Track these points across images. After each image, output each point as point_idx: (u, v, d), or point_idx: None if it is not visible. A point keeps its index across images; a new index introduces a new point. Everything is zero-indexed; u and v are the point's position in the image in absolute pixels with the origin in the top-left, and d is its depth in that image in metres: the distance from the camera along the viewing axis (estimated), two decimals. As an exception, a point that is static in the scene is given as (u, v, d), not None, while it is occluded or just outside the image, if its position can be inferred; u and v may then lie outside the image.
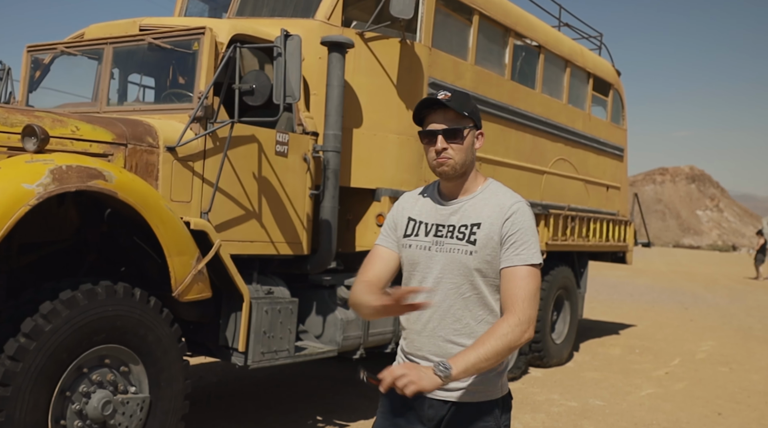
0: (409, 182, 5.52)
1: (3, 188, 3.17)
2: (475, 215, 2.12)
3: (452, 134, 2.10)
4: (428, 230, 2.18)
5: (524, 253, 2.07)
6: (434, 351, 2.12)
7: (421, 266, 2.16)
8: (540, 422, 5.74)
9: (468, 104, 2.14)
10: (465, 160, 2.13)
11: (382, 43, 5.37)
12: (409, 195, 2.32)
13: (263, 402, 5.88)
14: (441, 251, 2.13)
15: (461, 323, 2.11)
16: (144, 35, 4.56)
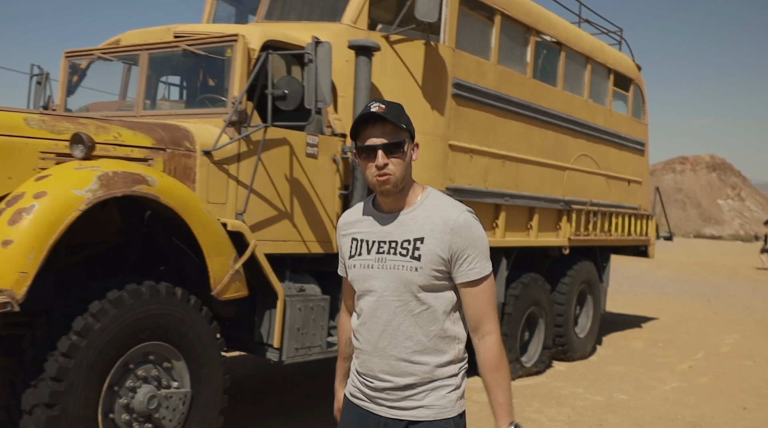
0: (434, 180, 5.64)
1: (55, 195, 3.34)
2: (417, 229, 2.06)
3: (392, 149, 2.03)
4: (370, 248, 2.11)
5: (478, 266, 2.05)
6: (387, 370, 2.07)
7: (366, 285, 2.11)
8: (565, 416, 5.85)
9: (403, 116, 2.07)
10: (405, 174, 2.06)
11: (407, 45, 5.49)
12: (349, 214, 2.25)
13: (293, 395, 6.04)
14: (384, 267, 2.07)
15: (413, 340, 2.05)
16: (179, 42, 4.71)
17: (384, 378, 2.08)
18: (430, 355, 2.06)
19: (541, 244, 7.27)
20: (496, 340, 2.07)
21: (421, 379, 2.05)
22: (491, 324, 2.07)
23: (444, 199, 2.12)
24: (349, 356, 2.30)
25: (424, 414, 2.06)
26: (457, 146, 5.86)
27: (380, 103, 2.03)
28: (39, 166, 3.67)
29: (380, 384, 2.08)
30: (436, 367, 2.06)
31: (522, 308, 6.96)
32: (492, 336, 2.07)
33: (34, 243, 3.24)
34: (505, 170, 6.53)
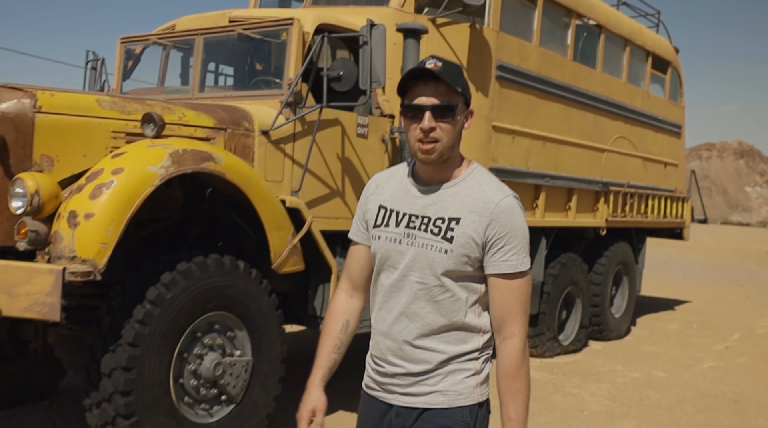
0: (478, 160, 5.67)
1: (131, 171, 3.53)
2: (454, 208, 1.84)
3: (443, 112, 1.79)
4: (399, 220, 1.89)
5: (513, 259, 1.82)
6: (400, 355, 1.88)
7: (390, 261, 1.90)
8: (606, 391, 5.97)
9: (461, 78, 1.83)
10: (454, 143, 1.84)
11: (453, 28, 5.60)
12: (380, 177, 2.03)
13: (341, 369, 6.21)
14: (412, 245, 1.86)
15: (431, 327, 1.86)
16: (234, 26, 4.87)
17: (396, 363, 1.89)
18: (449, 344, 1.86)
19: (579, 224, 7.37)
20: (519, 346, 1.83)
21: (436, 367, 1.86)
22: (516, 326, 1.83)
23: (489, 178, 1.89)
24: (342, 344, 2.05)
25: (438, 401, 1.86)
26: (500, 127, 5.97)
27: (437, 60, 1.79)
28: (111, 145, 3.86)
29: (391, 368, 1.89)
30: (454, 357, 1.86)
31: (560, 288, 7.07)
32: (514, 341, 1.83)
33: (114, 216, 3.43)
34: (546, 151, 6.63)
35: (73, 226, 3.40)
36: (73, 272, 3.27)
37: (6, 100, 3.63)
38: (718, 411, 5.57)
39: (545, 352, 6.98)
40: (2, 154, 3.60)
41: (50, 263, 3.45)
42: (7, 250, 3.68)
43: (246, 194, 4.00)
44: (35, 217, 3.48)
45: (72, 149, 3.75)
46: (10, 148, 3.60)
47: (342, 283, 2.08)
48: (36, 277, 3.26)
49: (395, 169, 2.02)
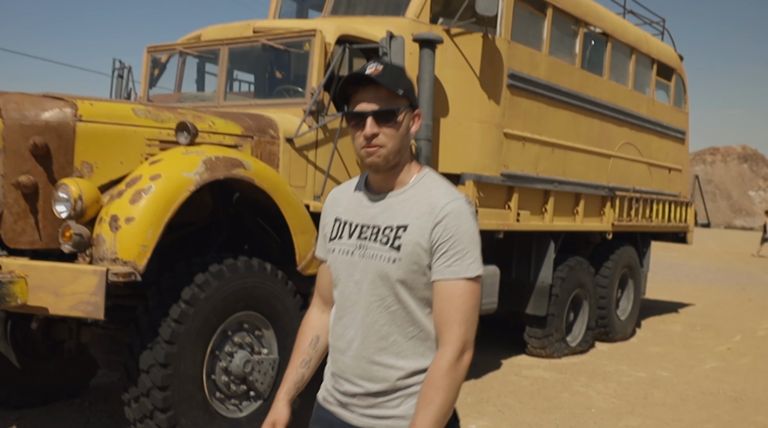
0: (490, 167, 5.96)
1: (168, 177, 3.73)
2: (402, 216, 1.78)
3: (385, 117, 1.75)
4: (352, 232, 1.85)
5: (458, 265, 1.73)
6: (359, 373, 1.81)
7: (343, 274, 1.85)
8: (612, 390, 6.16)
9: (403, 80, 1.78)
10: (399, 147, 1.78)
11: (466, 38, 5.80)
12: (337, 190, 1.99)
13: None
14: (364, 256, 1.80)
15: (388, 340, 1.78)
16: (258, 37, 5.07)
17: (355, 382, 1.82)
18: (407, 359, 1.78)
19: (586, 229, 7.56)
20: (449, 356, 1.70)
21: (396, 386, 1.78)
22: (452, 335, 1.71)
23: (439, 183, 1.83)
24: (311, 359, 2.00)
25: (399, 426, 1.78)
26: (511, 133, 6.17)
27: (378, 64, 1.75)
28: (146, 152, 4.06)
29: (351, 387, 1.82)
30: (414, 373, 1.78)
31: (568, 290, 7.26)
32: (445, 350, 1.71)
33: (153, 220, 3.63)
34: (555, 157, 6.83)
35: (114, 229, 3.60)
36: (116, 273, 3.47)
37: (49, 110, 3.84)
38: (719, 409, 5.76)
39: (553, 353, 7.17)
40: (46, 161, 3.80)
41: (91, 264, 3.65)
42: (47, 252, 3.88)
43: (273, 199, 4.20)
44: (78, 221, 3.68)
45: (110, 155, 3.95)
46: (53, 155, 3.80)
47: (314, 299, 2.06)
48: (81, 278, 3.46)
49: (353, 181, 1.97)
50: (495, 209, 6.14)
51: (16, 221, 3.76)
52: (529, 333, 7.15)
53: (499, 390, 6.00)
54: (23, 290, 3.39)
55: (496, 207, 6.15)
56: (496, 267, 6.31)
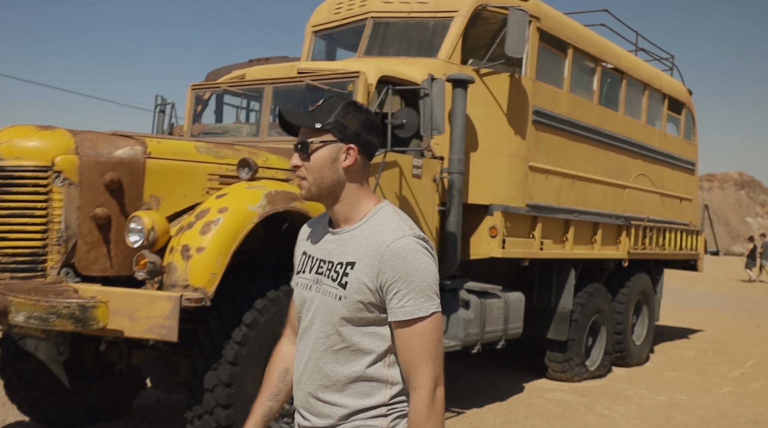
0: (516, 198, 6.27)
1: (234, 210, 4.03)
2: (352, 252, 1.76)
3: (303, 150, 1.78)
4: (312, 266, 1.86)
5: (410, 304, 1.69)
6: (306, 407, 1.82)
7: (302, 308, 1.88)
8: (634, 412, 6.40)
9: (330, 114, 1.77)
10: (321, 180, 1.78)
11: (494, 77, 6.14)
12: (310, 222, 2.00)
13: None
14: (319, 291, 1.81)
15: (331, 379, 1.78)
16: (303, 78, 5.40)
17: (305, 416, 1.84)
18: (351, 397, 1.77)
19: (603, 256, 7.85)
20: (424, 399, 1.69)
21: (339, 423, 1.78)
22: (421, 376, 1.70)
23: (390, 219, 1.79)
24: (279, 392, 1.99)
25: None
26: (535, 166, 6.48)
27: (322, 100, 1.83)
28: (207, 186, 4.37)
29: (302, 421, 1.85)
30: (358, 411, 1.77)
31: (587, 316, 7.52)
32: (419, 393, 1.70)
33: (221, 249, 3.92)
34: (575, 188, 7.14)
35: (186, 258, 3.89)
36: (189, 299, 3.75)
37: (121, 147, 4.15)
38: (740, 432, 6.01)
39: (574, 376, 7.41)
40: (118, 194, 4.10)
41: (160, 290, 3.93)
42: (115, 279, 4.17)
43: (325, 230, 4.48)
44: (149, 250, 3.97)
45: (175, 189, 4.25)
46: (125, 189, 4.11)
47: (285, 330, 2.06)
48: (156, 303, 3.74)
49: (319, 216, 1.97)
50: (520, 238, 6.43)
51: (90, 250, 4.06)
52: (550, 358, 7.40)
53: (525, 412, 6.24)
54: (104, 314, 3.66)
55: (521, 236, 6.45)
56: (521, 294, 6.59)
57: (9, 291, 3.66)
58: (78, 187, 4.04)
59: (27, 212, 4.00)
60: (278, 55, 10.77)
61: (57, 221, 4.02)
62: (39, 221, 4.01)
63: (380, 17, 6.34)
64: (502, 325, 6.26)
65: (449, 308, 5.88)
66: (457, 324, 5.82)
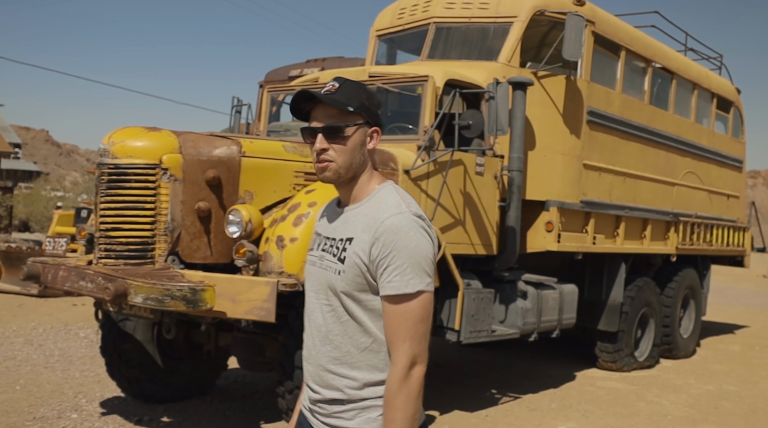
0: (571, 194, 6.59)
1: (321, 204, 4.40)
2: (352, 228, 1.82)
3: (333, 133, 1.80)
4: (319, 244, 1.92)
5: (397, 280, 1.72)
6: (317, 380, 1.87)
7: (309, 284, 1.93)
8: (684, 400, 6.68)
9: (357, 97, 1.82)
10: (351, 163, 1.82)
11: (551, 80, 6.46)
12: (326, 205, 2.05)
13: (435, 382, 7.03)
14: (322, 267, 1.87)
15: (341, 350, 1.82)
16: (374, 81, 5.80)
17: (314, 389, 1.88)
18: (360, 370, 1.80)
19: (652, 251, 8.11)
20: (397, 374, 1.72)
21: (349, 396, 1.81)
22: (398, 353, 1.72)
23: (390, 197, 1.83)
24: None
25: None
26: (589, 164, 6.79)
27: (336, 82, 1.83)
28: (293, 182, 4.79)
29: (313, 394, 1.89)
30: (367, 385, 1.80)
31: (636, 309, 7.80)
32: (394, 369, 1.73)
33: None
34: (626, 185, 7.42)
35: (281, 247, 4.31)
36: (284, 284, 4.17)
37: (219, 147, 4.59)
38: (788, 420, 6.25)
39: (623, 366, 7.70)
40: (217, 190, 4.55)
41: (256, 276, 4.36)
42: (212, 266, 4.61)
43: (400, 223, 4.87)
44: (247, 240, 4.40)
45: (266, 185, 4.69)
46: (223, 185, 4.55)
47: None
48: (255, 287, 4.17)
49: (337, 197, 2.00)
50: (574, 232, 6.75)
51: (192, 239, 4.51)
52: (601, 348, 7.70)
53: (578, 398, 6.56)
54: (212, 297, 4.10)
55: (575, 231, 6.77)
56: (575, 286, 6.91)
57: (127, 276, 4.13)
58: (182, 183, 4.49)
59: (138, 205, 4.47)
60: (333, 55, 11.22)
61: (164, 214, 4.48)
62: (148, 214, 4.47)
63: (442, 22, 6.71)
64: (557, 315, 6.59)
65: (508, 298, 6.23)
66: (516, 313, 6.17)
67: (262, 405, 5.79)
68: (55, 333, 8.31)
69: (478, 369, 7.60)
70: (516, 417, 5.86)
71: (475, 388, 6.70)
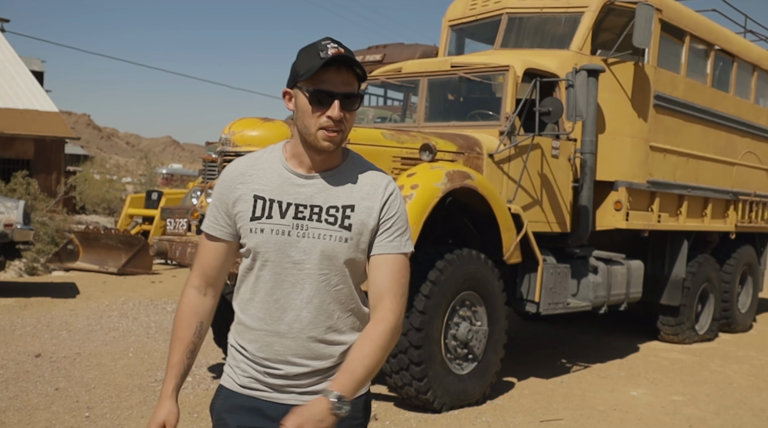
0: (638, 175, 6.94)
1: (424, 186, 4.90)
2: (345, 196, 1.82)
3: (351, 102, 1.77)
4: (284, 211, 1.81)
5: (398, 240, 1.83)
6: (304, 353, 1.82)
7: (278, 254, 1.81)
8: (746, 370, 7.03)
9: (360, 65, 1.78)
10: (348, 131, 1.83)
11: (620, 66, 6.80)
12: (243, 164, 1.88)
13: (509, 353, 7.46)
14: (305, 236, 1.80)
15: (333, 319, 1.84)
16: (456, 71, 6.21)
17: (300, 363, 1.83)
18: (346, 334, 1.87)
19: (713, 229, 8.42)
20: (392, 323, 1.80)
21: (339, 360, 1.85)
22: (394, 304, 1.81)
23: (367, 163, 1.91)
24: (195, 348, 1.91)
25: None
26: (655, 146, 7.12)
27: (338, 45, 1.75)
28: (391, 166, 5.24)
29: (293, 369, 1.83)
30: (349, 346, 1.86)
31: (697, 284, 8.13)
32: (389, 316, 1.80)
33: (416, 219, 4.79)
34: (688, 166, 7.74)
35: (388, 226, 4.77)
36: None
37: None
38: None
39: (685, 339, 8.05)
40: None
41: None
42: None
43: (489, 203, 5.31)
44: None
45: (368, 169, 5.14)
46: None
47: (194, 280, 1.92)
48: (367, 261, 4.64)
49: (257, 156, 1.90)
50: (641, 211, 7.11)
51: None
52: (663, 321, 8.05)
53: (645, 367, 6.96)
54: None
55: (641, 210, 7.12)
56: (641, 262, 7.28)
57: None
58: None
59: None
60: (393, 41, 11.62)
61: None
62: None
63: (515, 12, 7.07)
64: (624, 289, 6.98)
65: (580, 273, 6.64)
66: (587, 287, 6.57)
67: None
68: (144, 307, 8.94)
69: (545, 341, 8.03)
70: (589, 384, 6.28)
71: (546, 358, 7.13)
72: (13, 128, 19.65)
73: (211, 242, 1.90)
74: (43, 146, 20.63)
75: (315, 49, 1.74)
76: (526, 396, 5.76)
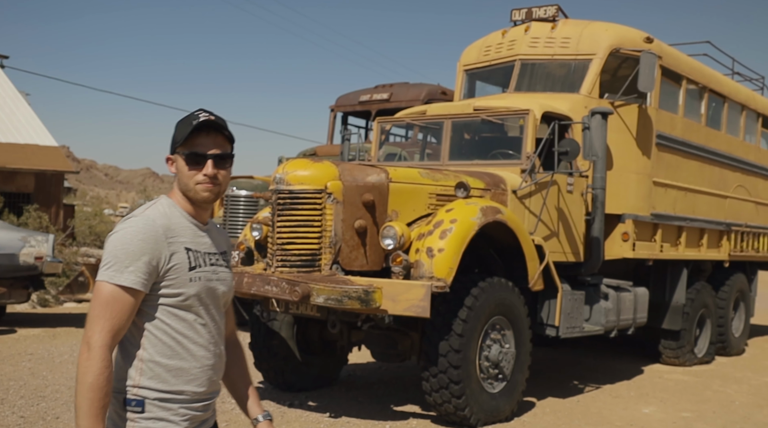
0: (643, 208, 7.52)
1: (462, 220, 5.40)
2: (222, 242, 2.15)
3: (224, 162, 2.01)
4: (204, 260, 2.03)
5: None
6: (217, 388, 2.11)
7: (211, 296, 2.03)
8: (746, 389, 7.56)
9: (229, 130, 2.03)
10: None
11: (626, 108, 7.41)
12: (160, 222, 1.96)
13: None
14: (218, 280, 2.06)
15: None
16: (479, 114, 6.76)
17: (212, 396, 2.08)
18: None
19: (709, 258, 9.00)
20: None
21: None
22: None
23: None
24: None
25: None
26: (657, 181, 7.72)
27: (209, 114, 1.99)
28: (427, 202, 5.76)
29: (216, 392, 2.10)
30: None
31: (696, 309, 8.69)
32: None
33: (456, 250, 5.29)
34: (686, 199, 8.34)
35: (431, 257, 5.27)
36: (437, 286, 5.13)
37: (371, 174, 5.57)
38: (841, 405, 7.11)
39: (685, 362, 8.57)
40: (371, 210, 5.52)
41: (406, 280, 5.31)
42: (366, 273, 5.56)
43: (516, 235, 5.83)
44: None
45: (407, 205, 5.66)
46: (375, 206, 5.52)
47: (106, 338, 1.85)
48: (412, 289, 5.12)
49: (159, 212, 1.99)
50: (645, 242, 7.67)
51: (351, 251, 5.48)
52: (664, 345, 8.58)
53: (652, 387, 7.46)
54: (380, 297, 5.05)
55: (646, 240, 7.69)
56: (646, 289, 7.82)
57: (308, 281, 5.10)
58: (342, 204, 5.47)
59: (308, 223, 5.45)
60: (399, 81, 12.26)
61: (329, 230, 5.45)
62: (316, 230, 5.45)
63: (527, 59, 7.67)
64: (632, 314, 7.50)
65: (592, 299, 7.15)
66: (599, 312, 7.09)
67: (385, 392, 6.75)
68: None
69: (554, 365, 8.51)
70: (603, 403, 6.76)
71: (559, 380, 7.61)
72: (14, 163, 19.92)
73: (131, 299, 1.88)
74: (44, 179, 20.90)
75: (189, 119, 1.98)
76: (549, 413, 6.23)
